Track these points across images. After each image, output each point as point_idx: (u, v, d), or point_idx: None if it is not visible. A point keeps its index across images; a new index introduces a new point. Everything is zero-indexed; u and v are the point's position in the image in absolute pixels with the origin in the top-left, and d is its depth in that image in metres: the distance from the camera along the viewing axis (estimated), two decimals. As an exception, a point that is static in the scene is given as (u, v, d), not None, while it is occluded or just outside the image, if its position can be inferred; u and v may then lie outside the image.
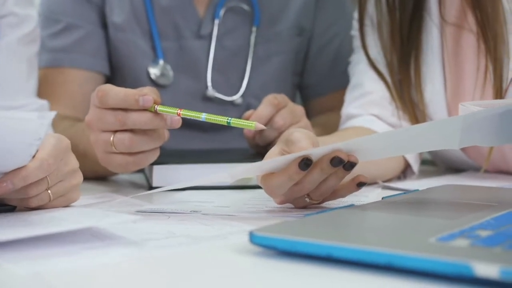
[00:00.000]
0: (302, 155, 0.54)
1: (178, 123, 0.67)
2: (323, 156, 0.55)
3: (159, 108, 0.66)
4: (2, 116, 0.48)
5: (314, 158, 0.55)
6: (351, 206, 0.55)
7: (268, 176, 0.57)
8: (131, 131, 0.67)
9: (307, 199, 0.60)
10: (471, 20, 0.84)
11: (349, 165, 0.56)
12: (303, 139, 0.57)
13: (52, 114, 0.50)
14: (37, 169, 0.53)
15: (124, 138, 0.67)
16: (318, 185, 0.57)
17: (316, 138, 0.61)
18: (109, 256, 0.45)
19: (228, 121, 0.63)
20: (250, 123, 0.62)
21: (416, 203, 0.58)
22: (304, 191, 0.58)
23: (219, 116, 0.65)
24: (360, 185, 0.58)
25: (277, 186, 0.56)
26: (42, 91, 0.98)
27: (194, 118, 0.66)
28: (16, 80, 0.89)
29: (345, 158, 0.55)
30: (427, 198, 0.60)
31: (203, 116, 0.65)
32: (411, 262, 0.38)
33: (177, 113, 0.66)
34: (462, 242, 0.40)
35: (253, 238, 0.44)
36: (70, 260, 0.43)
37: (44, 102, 0.92)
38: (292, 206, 0.62)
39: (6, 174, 0.52)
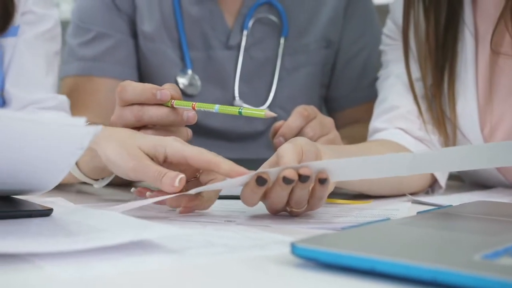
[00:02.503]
0: (258, 172, 0.58)
1: (193, 119, 0.69)
2: (278, 174, 0.58)
3: (175, 102, 0.67)
4: (46, 123, 0.48)
5: (271, 174, 0.58)
6: (388, 220, 0.55)
7: (243, 188, 0.61)
8: (154, 128, 0.68)
9: (288, 209, 0.62)
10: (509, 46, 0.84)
11: (304, 178, 0.58)
12: (287, 154, 0.60)
13: (99, 127, 0.49)
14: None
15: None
16: (290, 197, 0.60)
17: (312, 150, 0.63)
18: (150, 264, 0.45)
19: (240, 110, 0.66)
20: (260, 111, 0.64)
21: (453, 218, 0.58)
22: (278, 204, 0.61)
23: (230, 107, 0.67)
24: (322, 181, 0.59)
25: (246, 198, 0.60)
26: (72, 99, 1.00)
27: (208, 109, 0.68)
28: (33, 73, 0.89)
29: (292, 176, 0.57)
30: (463, 214, 0.60)
31: (216, 108, 0.67)
32: (459, 279, 0.38)
33: (192, 106, 0.67)
34: (508, 261, 0.40)
35: (295, 249, 0.44)
36: (112, 266, 0.44)
37: (63, 98, 0.92)
38: (321, 218, 0.63)
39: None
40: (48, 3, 0.92)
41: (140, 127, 0.69)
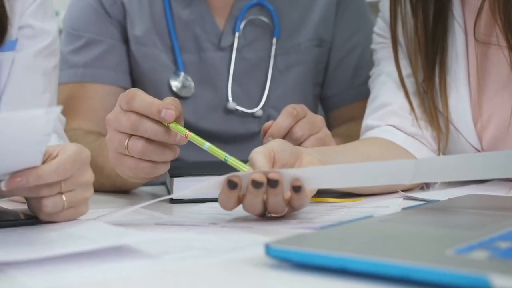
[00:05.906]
0: (229, 176, 0.59)
1: (184, 142, 0.69)
2: (248, 178, 0.59)
3: (171, 125, 0.67)
4: (8, 118, 0.49)
5: (244, 178, 0.59)
6: (370, 217, 0.55)
7: (220, 193, 0.61)
8: (146, 139, 0.68)
9: (267, 214, 0.63)
10: (499, 35, 0.82)
11: (272, 182, 0.58)
12: (256, 159, 0.61)
13: (58, 108, 0.50)
14: (53, 172, 0.54)
15: (138, 143, 0.68)
16: (266, 204, 0.60)
17: (287, 149, 0.63)
18: (125, 269, 0.45)
19: (226, 158, 0.65)
20: (244, 167, 0.63)
21: (437, 213, 0.57)
22: (254, 212, 0.61)
23: (219, 151, 0.67)
24: (296, 189, 0.59)
25: (221, 202, 0.61)
26: (66, 107, 0.99)
27: (198, 144, 0.68)
28: (30, 93, 0.88)
29: (260, 179, 0.58)
30: (448, 208, 0.59)
31: (206, 146, 0.67)
32: (428, 275, 0.37)
33: (185, 134, 0.67)
34: (480, 254, 0.40)
35: (269, 250, 0.43)
36: (85, 273, 0.44)
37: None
38: (306, 217, 0.63)
39: (21, 170, 0.53)
40: (47, 15, 0.89)
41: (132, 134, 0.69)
